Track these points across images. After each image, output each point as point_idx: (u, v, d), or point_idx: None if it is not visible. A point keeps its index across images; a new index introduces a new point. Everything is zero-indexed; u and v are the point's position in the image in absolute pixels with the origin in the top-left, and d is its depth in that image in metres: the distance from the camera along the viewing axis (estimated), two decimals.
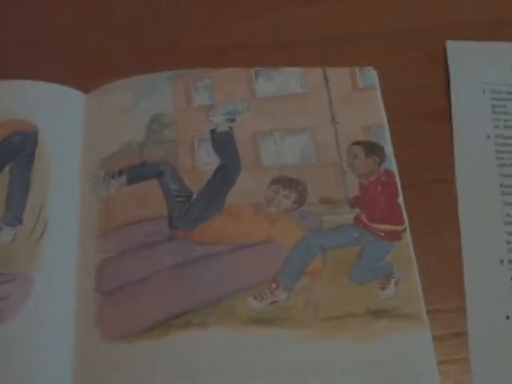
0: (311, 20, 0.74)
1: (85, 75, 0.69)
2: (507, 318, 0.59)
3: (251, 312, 0.58)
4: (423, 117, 0.68)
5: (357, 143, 0.65)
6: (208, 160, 0.65)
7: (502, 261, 0.61)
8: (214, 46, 0.72)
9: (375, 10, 0.75)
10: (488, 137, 0.67)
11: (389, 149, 0.65)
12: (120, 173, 0.63)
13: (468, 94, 0.69)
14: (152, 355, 0.56)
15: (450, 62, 0.70)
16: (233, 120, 0.66)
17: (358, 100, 0.68)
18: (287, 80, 0.69)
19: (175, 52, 0.72)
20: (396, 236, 0.61)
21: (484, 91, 0.69)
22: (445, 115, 0.68)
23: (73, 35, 0.73)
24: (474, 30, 0.72)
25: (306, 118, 0.67)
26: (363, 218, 0.62)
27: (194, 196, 0.63)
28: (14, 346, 0.56)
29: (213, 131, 0.66)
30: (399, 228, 0.62)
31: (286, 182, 0.63)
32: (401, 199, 0.63)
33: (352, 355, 0.56)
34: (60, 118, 0.66)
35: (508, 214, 0.63)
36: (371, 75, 0.69)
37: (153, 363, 0.56)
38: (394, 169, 0.64)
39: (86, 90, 0.68)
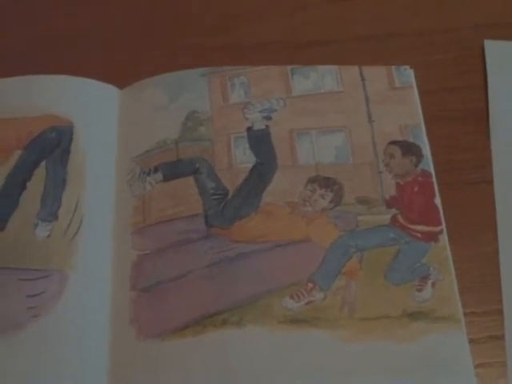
0: (345, 18, 0.74)
1: (118, 71, 0.69)
2: None
3: (287, 312, 0.57)
4: (460, 117, 0.67)
5: (393, 143, 0.65)
6: (244, 158, 0.64)
7: None
8: (247, 44, 0.72)
9: (410, 9, 0.74)
10: None
11: (426, 149, 0.64)
12: (156, 169, 0.63)
13: (506, 94, 0.68)
14: (187, 354, 0.56)
15: (487, 61, 0.69)
16: (269, 118, 0.66)
17: (394, 99, 0.67)
18: (323, 78, 0.68)
19: (206, 50, 0.71)
20: (433, 237, 0.61)
21: None
22: (482, 115, 0.67)
23: (107, 32, 0.73)
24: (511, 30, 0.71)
25: (342, 116, 0.66)
26: (400, 218, 0.61)
27: (230, 194, 0.63)
28: (48, 343, 0.56)
29: (249, 129, 0.66)
30: (436, 229, 0.61)
31: (323, 181, 0.63)
32: (438, 200, 0.62)
33: (388, 357, 0.56)
34: (95, 113, 0.66)
35: None
36: (408, 74, 0.68)
37: (188, 362, 0.56)
38: (431, 169, 0.64)
39: (119, 85, 0.68)
